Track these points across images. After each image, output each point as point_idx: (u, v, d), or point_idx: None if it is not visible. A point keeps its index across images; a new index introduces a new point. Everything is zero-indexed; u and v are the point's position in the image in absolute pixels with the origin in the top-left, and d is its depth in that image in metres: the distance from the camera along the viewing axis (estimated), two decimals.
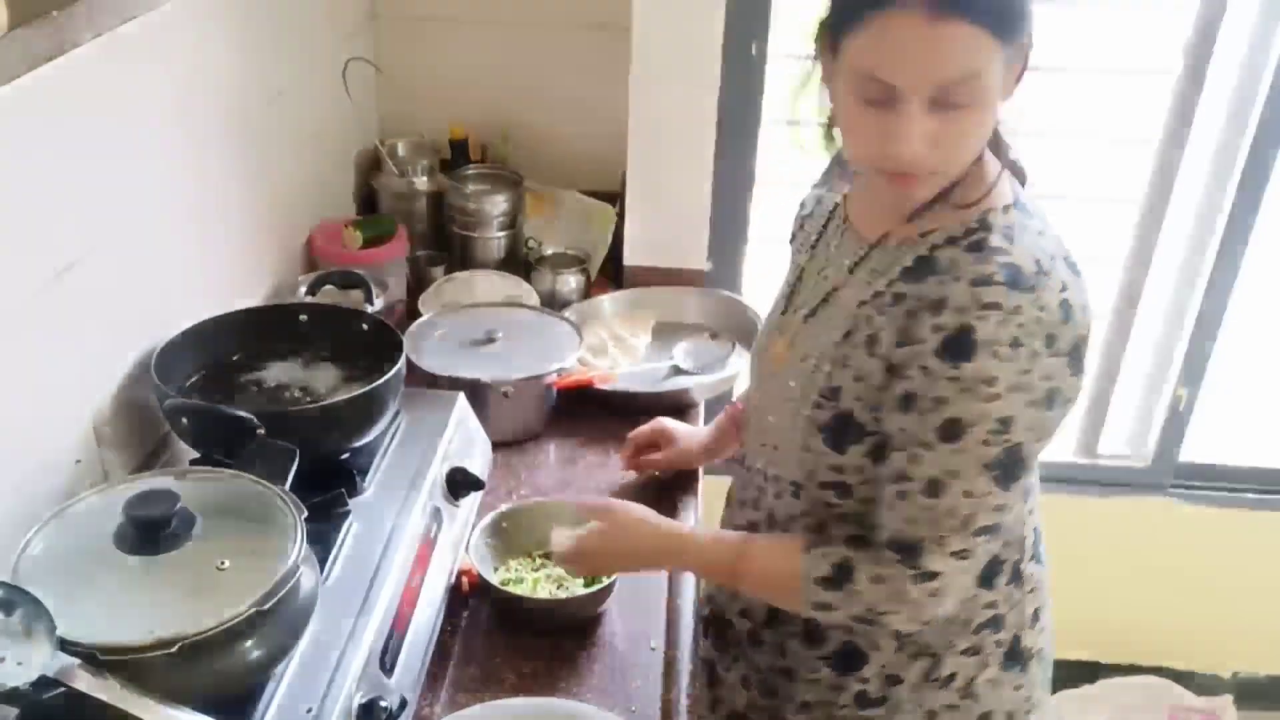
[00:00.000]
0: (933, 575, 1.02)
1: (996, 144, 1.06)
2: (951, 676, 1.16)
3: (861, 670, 1.16)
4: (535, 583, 1.31)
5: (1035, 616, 1.20)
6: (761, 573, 1.13)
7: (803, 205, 1.27)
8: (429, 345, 1.63)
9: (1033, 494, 1.17)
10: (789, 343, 1.16)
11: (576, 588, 1.30)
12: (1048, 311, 0.96)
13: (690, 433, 1.51)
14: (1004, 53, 0.94)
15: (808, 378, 1.11)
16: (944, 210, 1.04)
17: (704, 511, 1.54)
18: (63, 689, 0.80)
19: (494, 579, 1.30)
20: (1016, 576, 1.15)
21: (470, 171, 2.03)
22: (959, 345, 0.96)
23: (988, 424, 0.97)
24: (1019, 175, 1.09)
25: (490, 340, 1.65)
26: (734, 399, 1.51)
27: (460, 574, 1.30)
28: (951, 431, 0.98)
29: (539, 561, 1.36)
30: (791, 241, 1.27)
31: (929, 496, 1.00)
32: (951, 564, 1.02)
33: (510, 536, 1.38)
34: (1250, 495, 2.31)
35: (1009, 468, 0.99)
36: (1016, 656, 1.18)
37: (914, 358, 0.99)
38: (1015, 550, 1.14)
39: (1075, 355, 0.99)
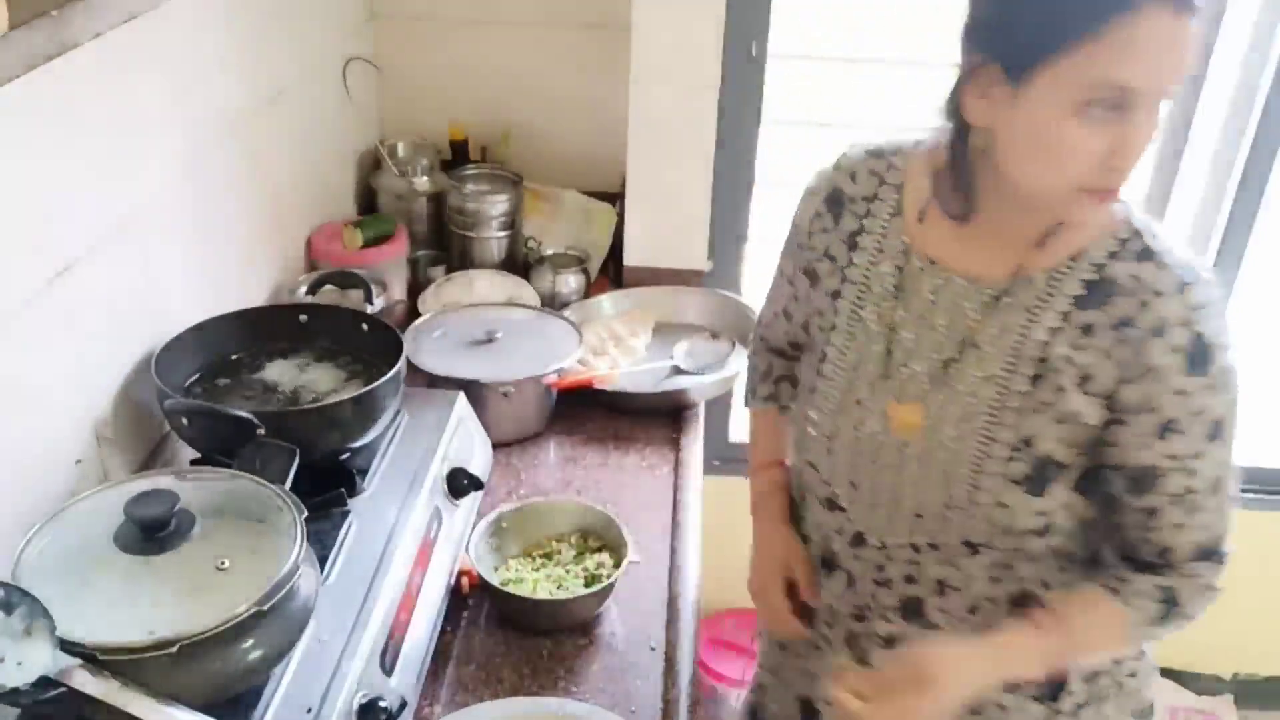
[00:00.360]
0: (1227, 555, 1.07)
1: None
2: None
3: (1068, 685, 1.14)
4: (535, 583, 1.31)
5: None
6: (1091, 640, 1.09)
7: (832, 258, 1.14)
8: (429, 345, 1.63)
9: None
10: (922, 408, 1.08)
11: (577, 588, 1.30)
12: (1214, 284, 1.00)
13: (788, 532, 1.29)
14: None
15: (984, 437, 1.05)
16: (1070, 229, 1.01)
17: (704, 511, 1.54)
18: (63, 689, 0.80)
19: (494, 579, 1.30)
20: None
21: (470, 171, 2.03)
22: (1199, 354, 0.98)
23: (1236, 407, 1.02)
24: None
25: (490, 340, 1.65)
26: (761, 458, 1.35)
27: (460, 574, 1.30)
28: (1218, 431, 1.01)
29: (539, 561, 1.36)
30: (836, 298, 1.13)
31: (1214, 495, 1.04)
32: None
33: (510, 536, 1.38)
34: (1250, 495, 2.31)
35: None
36: None
37: (1159, 386, 0.99)
38: None
39: None
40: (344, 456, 1.25)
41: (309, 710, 0.95)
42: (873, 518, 1.14)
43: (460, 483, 1.32)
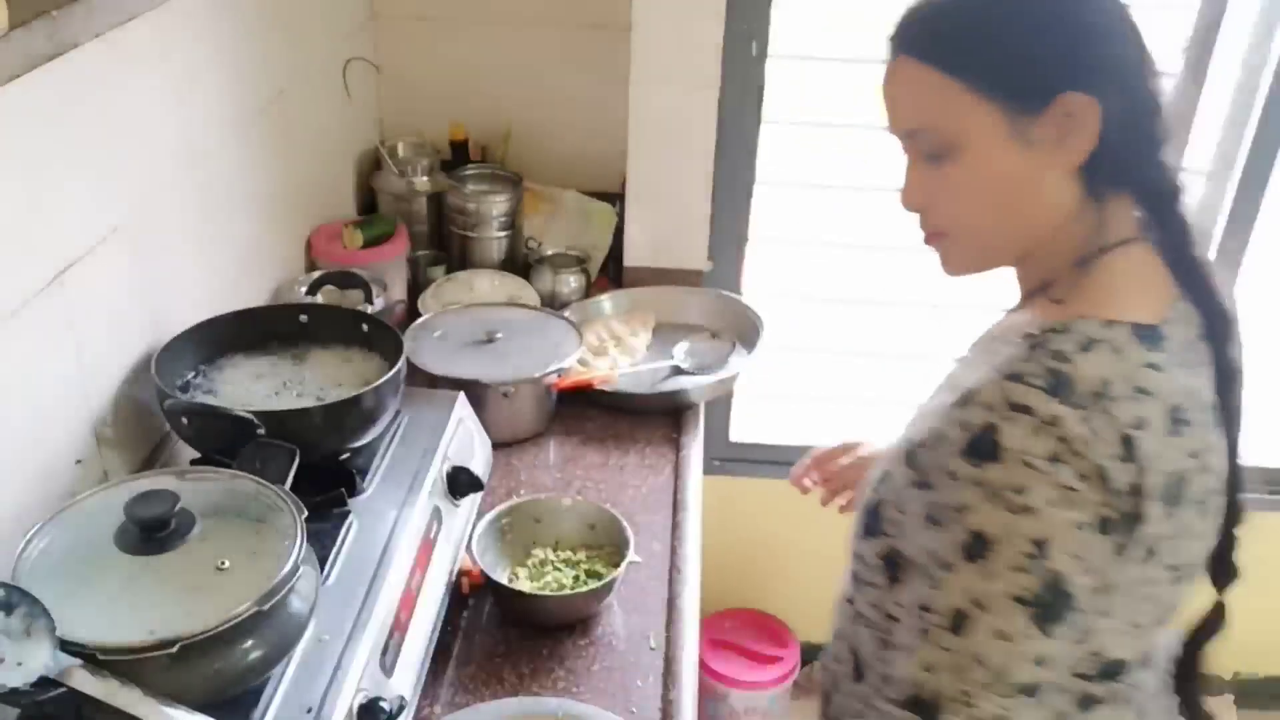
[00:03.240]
0: None
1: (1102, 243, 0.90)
2: None
3: None
4: (536, 581, 1.31)
5: None
6: None
7: None
8: (429, 345, 1.63)
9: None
10: None
11: (577, 586, 1.30)
12: (1099, 439, 0.79)
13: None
14: (993, 107, 0.84)
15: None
16: (1041, 303, 0.92)
17: (704, 511, 1.54)
18: (63, 689, 0.80)
19: (495, 577, 1.30)
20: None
21: (470, 171, 2.03)
22: (983, 445, 0.80)
23: (1017, 537, 0.80)
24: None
25: (490, 340, 1.65)
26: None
27: (460, 574, 1.30)
28: (979, 551, 0.80)
29: (540, 560, 1.36)
30: None
31: (953, 635, 0.82)
32: None
33: (511, 536, 1.38)
34: (1251, 495, 2.31)
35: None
36: None
37: (934, 455, 0.84)
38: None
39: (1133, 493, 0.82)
40: (344, 456, 1.25)
41: (309, 710, 0.95)
42: None
43: (460, 483, 1.32)
